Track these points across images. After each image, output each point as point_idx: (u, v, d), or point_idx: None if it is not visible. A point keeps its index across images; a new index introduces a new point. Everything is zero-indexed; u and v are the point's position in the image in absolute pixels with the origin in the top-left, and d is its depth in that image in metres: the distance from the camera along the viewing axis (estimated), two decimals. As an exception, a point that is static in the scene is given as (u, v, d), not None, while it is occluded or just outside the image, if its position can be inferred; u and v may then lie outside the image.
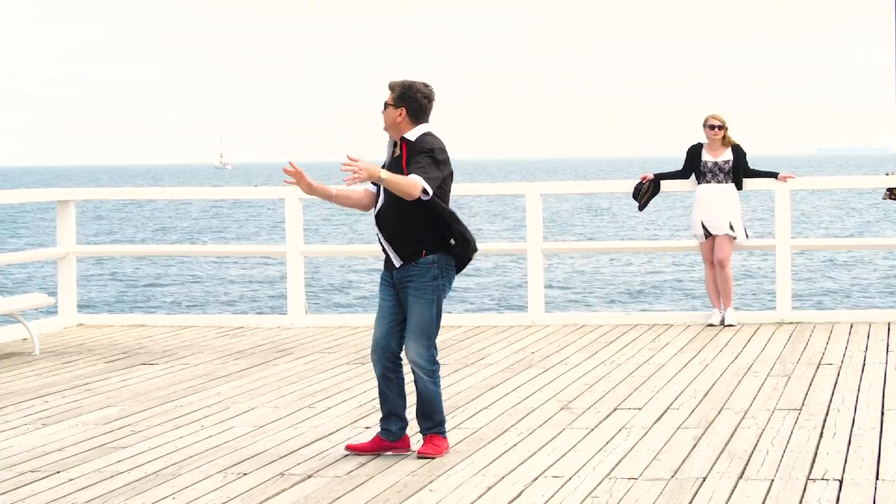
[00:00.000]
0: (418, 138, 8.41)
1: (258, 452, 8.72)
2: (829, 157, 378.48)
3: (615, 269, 40.49)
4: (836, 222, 62.79)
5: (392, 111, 8.44)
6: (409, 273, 8.42)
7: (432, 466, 8.25)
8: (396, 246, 8.42)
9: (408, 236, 8.40)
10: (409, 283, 8.42)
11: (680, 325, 14.43)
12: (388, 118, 8.46)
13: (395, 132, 8.48)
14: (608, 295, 34.78)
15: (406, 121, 8.43)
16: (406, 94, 8.42)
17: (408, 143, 8.42)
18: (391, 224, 8.41)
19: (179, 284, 39.46)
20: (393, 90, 8.48)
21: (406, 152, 8.40)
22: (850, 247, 22.29)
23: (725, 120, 14.48)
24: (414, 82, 8.48)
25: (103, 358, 12.94)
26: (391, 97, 8.49)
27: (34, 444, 9.14)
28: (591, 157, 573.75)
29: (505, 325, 14.74)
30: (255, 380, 11.55)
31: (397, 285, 8.48)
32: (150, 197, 17.09)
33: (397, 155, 8.46)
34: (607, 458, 8.37)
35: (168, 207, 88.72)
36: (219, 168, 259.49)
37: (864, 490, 7.46)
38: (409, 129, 8.44)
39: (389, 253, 8.46)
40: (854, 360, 11.85)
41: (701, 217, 14.45)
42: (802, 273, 37.56)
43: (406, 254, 8.41)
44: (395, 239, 8.42)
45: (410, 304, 8.43)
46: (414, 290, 8.42)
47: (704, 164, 14.43)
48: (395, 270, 8.46)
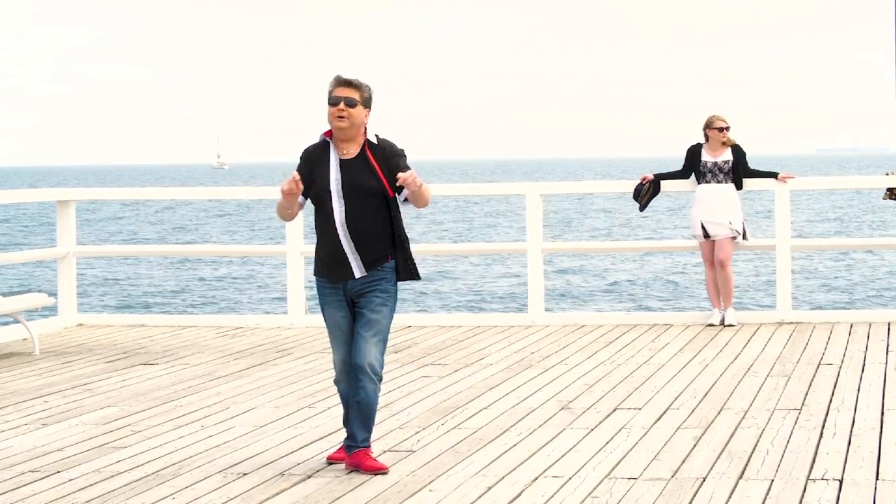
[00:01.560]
0: (380, 140, 8.05)
1: (258, 452, 8.72)
2: (829, 157, 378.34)
3: (615, 270, 40.48)
4: (836, 222, 62.80)
5: (361, 110, 7.98)
6: (376, 278, 8.02)
7: (432, 466, 8.25)
8: (365, 253, 7.99)
9: (377, 242, 8.01)
10: (374, 288, 8.01)
11: (680, 325, 14.44)
12: (358, 117, 7.98)
13: (355, 132, 8.00)
14: (608, 292, 34.78)
15: (367, 123, 8.07)
16: (371, 98, 8.05)
17: (372, 145, 8.02)
18: (364, 230, 7.99)
19: (180, 286, 39.47)
20: (361, 89, 8.00)
21: (372, 154, 7.99)
22: (850, 247, 22.25)
23: (726, 121, 14.52)
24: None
25: (103, 358, 12.94)
26: (360, 96, 8.01)
27: (34, 444, 9.14)
28: (592, 157, 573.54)
29: (505, 325, 14.74)
30: (255, 380, 11.55)
31: (354, 295, 8.04)
32: (150, 197, 17.09)
33: (353, 157, 8.00)
34: (607, 458, 8.37)
35: (168, 207, 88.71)
36: (216, 168, 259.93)
37: (864, 490, 7.46)
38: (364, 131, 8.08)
39: (352, 263, 7.99)
40: (854, 360, 11.85)
41: (700, 217, 14.47)
42: (802, 273, 37.57)
43: (371, 260, 8.01)
44: (366, 246, 7.99)
45: (374, 309, 8.00)
46: (381, 295, 8.02)
47: (704, 164, 14.44)
48: (350, 281, 8.01)
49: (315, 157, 8.09)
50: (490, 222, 69.10)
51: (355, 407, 8.06)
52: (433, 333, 14.14)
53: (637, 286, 36.53)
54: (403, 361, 12.32)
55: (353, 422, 8.09)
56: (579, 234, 58.90)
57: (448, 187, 17.29)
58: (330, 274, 8.06)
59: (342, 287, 8.05)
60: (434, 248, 24.12)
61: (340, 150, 8.04)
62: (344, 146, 8.04)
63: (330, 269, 8.06)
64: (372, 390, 8.04)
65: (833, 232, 57.14)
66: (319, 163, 8.05)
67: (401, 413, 9.92)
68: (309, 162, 8.10)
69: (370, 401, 8.05)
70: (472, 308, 31.15)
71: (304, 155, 8.17)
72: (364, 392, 8.03)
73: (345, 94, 7.94)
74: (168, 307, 34.22)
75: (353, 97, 7.95)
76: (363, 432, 8.10)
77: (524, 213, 15.17)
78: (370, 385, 8.03)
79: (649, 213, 68.02)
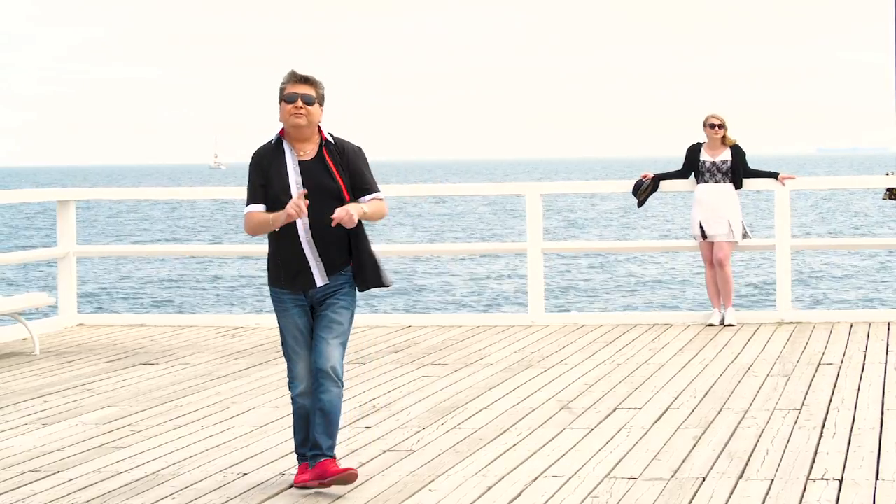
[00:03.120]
0: (336, 139, 7.62)
1: (258, 452, 8.73)
2: (829, 157, 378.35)
3: (616, 269, 40.49)
4: (836, 221, 62.81)
5: (318, 108, 7.55)
6: (338, 282, 7.57)
7: (432, 466, 8.25)
8: (328, 259, 7.54)
9: (339, 247, 7.55)
10: (337, 293, 7.58)
11: (680, 325, 14.44)
12: (315, 116, 7.55)
13: (311, 131, 7.55)
14: (609, 292, 34.78)
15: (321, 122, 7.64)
16: (324, 96, 7.62)
17: (329, 145, 7.59)
18: (328, 235, 7.51)
19: (179, 286, 39.47)
20: (317, 86, 7.56)
21: (329, 154, 7.56)
22: (850, 247, 22.28)
23: (725, 119, 14.48)
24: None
25: (103, 358, 12.94)
26: (317, 93, 7.55)
27: (34, 444, 9.14)
28: (592, 157, 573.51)
29: (505, 325, 14.74)
30: (255, 380, 11.55)
31: (316, 303, 7.61)
32: (150, 197, 17.08)
33: (311, 157, 7.56)
34: (607, 458, 8.37)
35: (168, 207, 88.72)
36: (213, 168, 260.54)
37: (863, 490, 7.46)
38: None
39: (314, 271, 7.54)
40: (854, 360, 11.85)
41: (699, 217, 14.45)
42: (802, 273, 37.57)
43: (334, 266, 7.55)
44: (329, 252, 7.54)
45: (338, 312, 7.57)
46: (344, 298, 7.58)
47: (703, 163, 14.43)
48: (312, 290, 7.58)
49: (269, 159, 7.59)
50: (489, 222, 69.11)
51: (319, 414, 7.57)
52: (433, 333, 14.14)
53: (637, 286, 36.52)
54: (403, 361, 12.32)
55: (316, 429, 7.58)
56: (588, 232, 58.93)
57: (448, 187, 17.30)
58: (292, 284, 7.59)
59: (304, 295, 7.63)
60: (434, 249, 24.15)
61: (297, 150, 7.59)
62: (300, 146, 7.59)
63: (292, 279, 7.59)
64: (336, 394, 7.58)
65: (833, 232, 57.14)
66: (274, 164, 7.57)
67: (401, 413, 9.92)
68: (262, 165, 7.61)
69: (335, 405, 7.59)
70: (473, 307, 31.21)
71: (255, 158, 7.67)
72: (328, 395, 7.56)
73: (302, 90, 7.50)
74: (168, 307, 34.22)
75: (311, 94, 7.52)
76: (328, 439, 7.61)
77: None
78: (334, 388, 7.57)
79: (651, 215, 68.04)
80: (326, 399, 7.55)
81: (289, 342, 7.67)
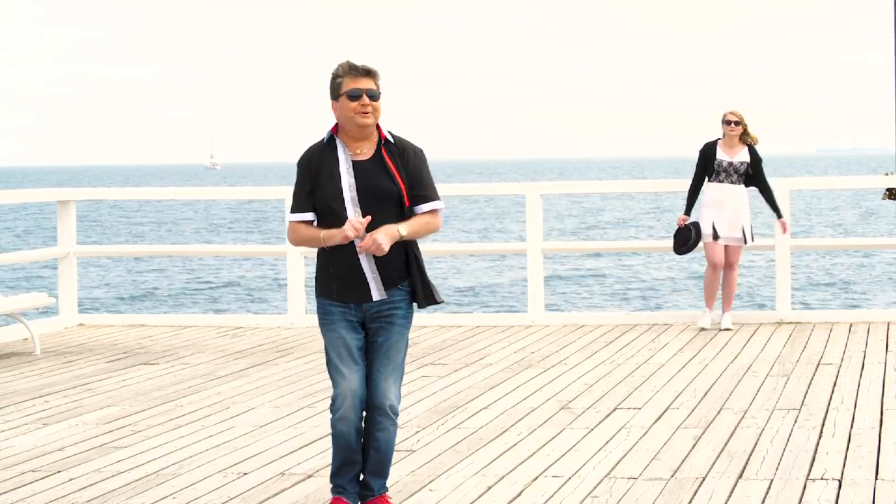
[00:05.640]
0: (396, 138, 6.87)
1: (258, 452, 8.73)
2: (828, 157, 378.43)
3: (615, 269, 40.49)
4: (836, 219, 62.82)
5: (379, 104, 6.83)
6: (394, 300, 6.82)
7: (432, 466, 8.26)
8: (385, 272, 6.78)
9: (396, 259, 6.78)
10: (394, 313, 6.82)
11: (680, 325, 14.44)
12: (379, 112, 6.82)
13: (370, 131, 6.82)
14: (610, 292, 34.79)
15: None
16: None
17: (389, 144, 6.85)
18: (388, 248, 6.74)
19: (180, 286, 39.47)
20: (378, 79, 6.84)
21: (388, 154, 6.80)
22: (849, 247, 22.28)
23: (743, 116, 14.03)
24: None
25: (103, 358, 12.94)
26: (378, 87, 6.83)
27: (34, 444, 9.15)
28: (592, 157, 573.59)
29: (505, 325, 14.74)
30: (255, 380, 11.55)
31: (369, 319, 6.84)
32: (150, 197, 17.08)
33: (368, 158, 6.80)
34: (607, 458, 8.38)
35: (167, 207, 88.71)
36: (208, 168, 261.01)
37: (863, 490, 7.46)
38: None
39: (371, 283, 6.78)
40: (853, 360, 11.86)
41: (712, 218, 13.99)
42: (802, 273, 37.56)
43: (390, 280, 6.80)
44: (386, 263, 6.76)
45: (392, 338, 6.86)
46: (401, 320, 6.86)
47: (720, 163, 13.95)
48: (366, 304, 6.80)
49: (318, 160, 6.81)
50: (491, 222, 69.11)
51: (373, 453, 6.92)
52: (433, 333, 14.15)
53: (637, 286, 36.52)
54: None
55: (369, 468, 6.96)
56: (595, 232, 58.94)
57: (448, 187, 17.30)
58: (346, 296, 6.79)
59: (355, 308, 6.83)
60: (434, 249, 24.08)
61: (352, 149, 6.80)
62: (357, 145, 6.80)
63: (346, 291, 6.79)
64: (393, 432, 6.94)
65: (832, 232, 57.15)
66: (325, 165, 6.78)
67: (401, 413, 9.91)
68: (310, 167, 6.83)
69: (390, 443, 6.96)
70: (473, 306, 31.22)
71: (303, 160, 6.89)
72: (385, 434, 6.91)
73: (366, 85, 6.72)
74: (168, 306, 34.22)
75: (374, 89, 6.76)
76: (378, 479, 7.01)
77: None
78: (391, 426, 6.92)
79: (652, 214, 68.03)
80: (383, 438, 6.92)
81: (333, 359, 6.87)
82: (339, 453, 6.92)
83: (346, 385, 6.82)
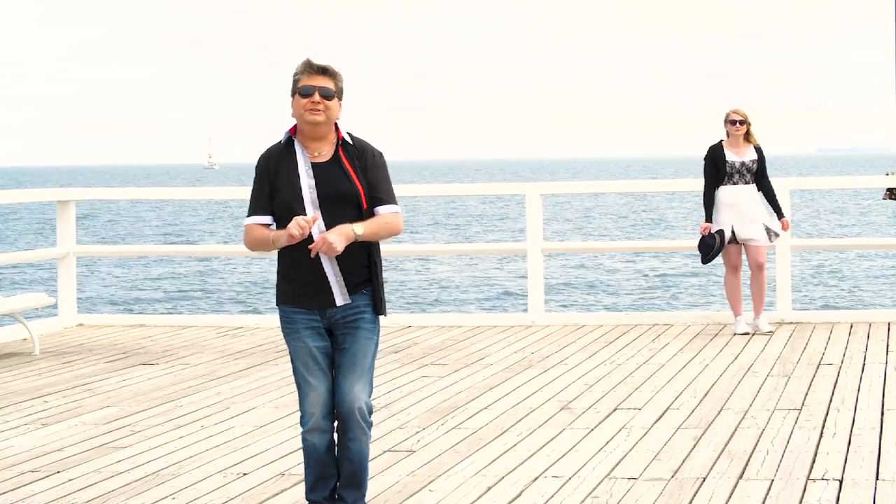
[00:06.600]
0: (355, 139, 6.67)
1: (258, 452, 8.72)
2: (828, 157, 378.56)
3: (616, 269, 40.50)
4: (837, 221, 62.83)
5: (337, 104, 6.59)
6: (357, 304, 6.57)
7: (432, 466, 8.25)
8: (348, 276, 6.54)
9: (357, 263, 6.56)
10: (360, 317, 6.57)
11: (680, 325, 14.43)
12: (334, 112, 6.57)
13: (328, 129, 6.60)
14: (609, 292, 34.79)
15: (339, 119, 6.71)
16: (343, 90, 6.70)
17: (347, 146, 6.63)
18: (351, 251, 6.51)
19: (179, 284, 39.48)
20: (336, 78, 6.61)
21: (346, 155, 6.59)
22: (849, 247, 22.28)
23: (748, 115, 13.77)
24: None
25: (103, 358, 12.94)
26: (336, 86, 6.60)
27: (34, 444, 9.14)
28: (592, 157, 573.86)
29: (505, 325, 14.74)
30: (255, 380, 11.55)
31: (335, 326, 6.59)
32: (150, 197, 17.08)
33: (326, 159, 6.58)
34: (607, 458, 8.37)
35: (167, 207, 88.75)
36: (207, 168, 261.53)
37: (863, 490, 7.46)
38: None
39: (334, 287, 6.53)
40: (854, 360, 11.85)
41: (731, 221, 13.64)
42: (802, 273, 37.57)
43: (354, 284, 6.56)
44: (349, 267, 6.54)
45: (359, 342, 6.59)
46: (368, 324, 6.60)
47: (732, 164, 13.64)
48: (330, 310, 6.56)
49: (277, 162, 6.61)
50: (491, 222, 69.13)
51: (347, 464, 6.65)
52: (433, 333, 14.14)
53: (637, 286, 36.52)
54: (403, 361, 12.32)
55: (343, 480, 6.70)
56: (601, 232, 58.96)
57: (449, 187, 17.30)
58: (308, 302, 6.56)
59: (319, 315, 6.60)
60: (434, 249, 24.14)
61: (310, 150, 6.60)
62: (314, 146, 6.60)
63: (307, 297, 6.56)
64: (365, 442, 6.63)
65: (832, 232, 57.17)
66: (284, 168, 6.59)
67: (401, 413, 9.92)
68: (268, 170, 6.63)
69: (364, 455, 6.66)
70: (473, 306, 31.22)
71: (261, 162, 6.68)
72: (356, 444, 6.61)
73: (319, 83, 6.53)
74: (167, 306, 34.22)
75: (329, 87, 6.54)
76: (354, 491, 6.71)
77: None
78: (362, 436, 6.61)
79: (652, 214, 68.07)
80: (355, 448, 6.62)
81: (299, 369, 6.63)
82: (312, 468, 6.70)
83: (315, 396, 6.60)
